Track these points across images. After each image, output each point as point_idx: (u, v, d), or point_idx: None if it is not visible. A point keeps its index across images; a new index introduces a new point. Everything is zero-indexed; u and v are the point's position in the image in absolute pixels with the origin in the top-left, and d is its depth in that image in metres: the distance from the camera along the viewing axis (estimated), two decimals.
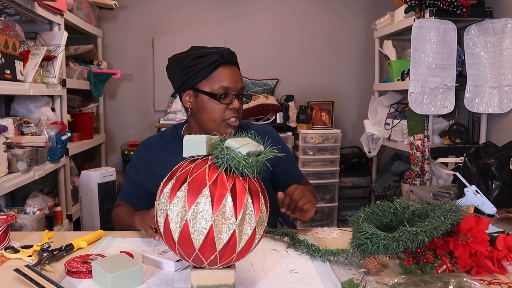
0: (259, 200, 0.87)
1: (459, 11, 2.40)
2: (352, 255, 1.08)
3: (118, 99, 3.60)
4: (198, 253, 0.85)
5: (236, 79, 1.37)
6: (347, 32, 3.64)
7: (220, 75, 1.34)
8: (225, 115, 1.36)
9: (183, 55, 1.38)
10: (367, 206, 1.16)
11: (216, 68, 1.34)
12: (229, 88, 1.35)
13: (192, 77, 1.35)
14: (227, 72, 1.35)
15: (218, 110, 1.35)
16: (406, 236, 0.98)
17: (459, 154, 2.43)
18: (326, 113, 3.46)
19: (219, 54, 1.34)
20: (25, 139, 2.07)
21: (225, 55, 1.34)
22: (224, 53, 1.34)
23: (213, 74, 1.34)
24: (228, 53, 1.36)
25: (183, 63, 1.35)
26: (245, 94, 1.42)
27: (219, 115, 1.36)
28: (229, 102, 1.35)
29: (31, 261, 1.11)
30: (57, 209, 2.46)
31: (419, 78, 2.50)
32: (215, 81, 1.34)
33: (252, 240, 0.87)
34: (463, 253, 1.02)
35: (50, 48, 2.33)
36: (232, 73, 1.36)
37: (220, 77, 1.34)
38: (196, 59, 1.34)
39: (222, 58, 1.34)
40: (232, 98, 1.36)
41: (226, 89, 1.34)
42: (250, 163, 0.85)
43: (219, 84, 1.34)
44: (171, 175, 0.90)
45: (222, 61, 1.34)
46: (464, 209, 1.13)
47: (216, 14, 3.56)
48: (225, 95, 1.35)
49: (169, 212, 0.84)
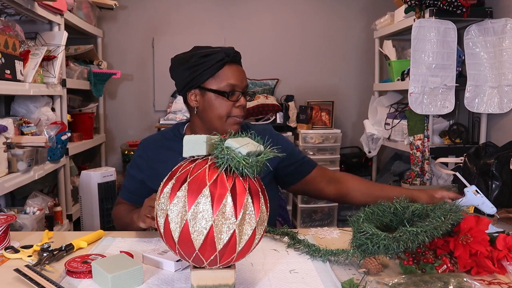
0: (259, 200, 0.87)
1: (459, 11, 2.40)
2: (353, 255, 1.08)
3: (118, 99, 3.60)
4: (198, 253, 0.85)
5: (241, 77, 1.40)
6: (347, 32, 3.64)
7: (227, 73, 1.37)
8: (232, 112, 1.38)
9: (187, 54, 1.39)
10: (367, 206, 1.16)
11: (222, 66, 1.36)
12: (235, 85, 1.37)
13: (198, 75, 1.36)
14: (233, 70, 1.38)
15: (225, 107, 1.37)
16: (406, 236, 0.98)
17: (459, 154, 2.43)
18: (326, 113, 3.46)
19: (224, 53, 1.36)
20: (25, 139, 2.07)
21: (231, 54, 1.37)
22: (229, 52, 1.37)
23: (220, 72, 1.36)
24: (234, 52, 1.38)
25: (189, 62, 1.36)
26: (248, 92, 1.45)
27: (226, 112, 1.38)
28: (236, 99, 1.38)
29: (31, 261, 1.11)
30: (57, 209, 2.46)
31: (419, 78, 2.50)
32: (222, 79, 1.36)
33: (252, 240, 0.87)
34: (463, 253, 1.02)
35: (50, 48, 2.33)
36: (238, 71, 1.39)
37: (226, 74, 1.37)
38: (202, 58, 1.35)
39: (228, 57, 1.36)
40: (238, 95, 1.38)
41: (233, 86, 1.37)
42: (250, 163, 0.85)
43: (226, 82, 1.36)
44: (171, 175, 0.90)
45: (228, 60, 1.36)
46: (464, 209, 1.13)
47: (216, 14, 3.56)
48: (232, 92, 1.37)
49: (169, 212, 0.84)
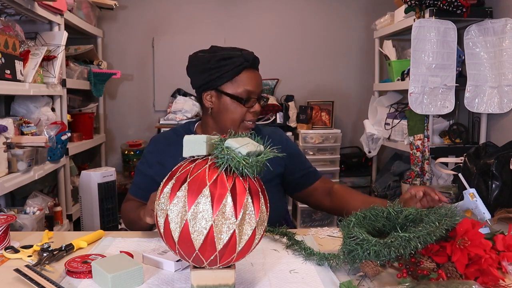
0: (259, 200, 0.87)
1: (459, 11, 2.40)
2: (343, 261, 1.04)
3: (118, 99, 3.60)
4: (198, 253, 0.85)
5: (258, 83, 1.41)
6: (347, 32, 3.64)
7: (245, 79, 1.37)
8: (246, 117, 1.40)
9: (206, 56, 1.39)
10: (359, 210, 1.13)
11: (240, 71, 1.37)
12: (252, 92, 1.38)
13: (216, 78, 1.37)
14: (251, 76, 1.39)
15: (240, 112, 1.39)
16: (398, 242, 0.94)
17: (459, 154, 2.43)
18: (326, 113, 3.46)
19: (244, 58, 1.36)
20: (25, 139, 2.07)
21: (250, 59, 1.37)
22: (249, 57, 1.37)
23: (238, 77, 1.37)
24: (253, 58, 1.39)
25: (208, 63, 1.37)
26: (263, 97, 1.46)
27: (241, 117, 1.39)
28: (251, 105, 1.40)
29: (31, 261, 1.11)
30: (57, 209, 2.46)
31: (419, 78, 2.50)
32: (240, 84, 1.37)
33: (252, 240, 0.87)
34: (461, 257, 0.97)
35: (50, 48, 2.33)
36: (256, 77, 1.40)
37: (244, 80, 1.37)
38: (222, 61, 1.35)
39: (247, 62, 1.36)
40: (254, 102, 1.40)
41: (250, 92, 1.38)
42: (250, 163, 0.85)
43: (243, 88, 1.37)
44: (171, 175, 0.90)
45: (247, 65, 1.37)
46: (461, 213, 1.12)
47: (216, 14, 3.56)
48: (248, 98, 1.38)
49: (169, 212, 0.84)
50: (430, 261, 1.00)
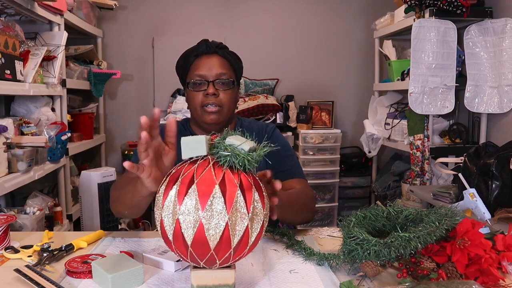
0: (263, 194, 0.88)
1: (459, 11, 2.40)
2: (343, 261, 1.05)
3: (118, 99, 3.60)
4: (213, 253, 0.84)
5: (210, 65, 1.39)
6: (347, 32, 3.64)
7: (196, 65, 1.41)
8: (203, 101, 1.39)
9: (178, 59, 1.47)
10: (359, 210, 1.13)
11: (193, 61, 1.41)
12: (203, 75, 1.39)
13: (182, 76, 1.45)
14: (202, 61, 1.40)
15: (195, 98, 1.39)
16: (398, 242, 0.94)
17: (459, 154, 2.43)
18: (326, 113, 3.47)
19: (196, 47, 1.41)
20: (25, 139, 2.07)
21: (199, 49, 1.41)
22: (199, 48, 1.41)
23: (191, 66, 1.42)
24: (206, 44, 1.41)
25: (177, 65, 1.46)
26: (223, 80, 1.39)
27: (197, 102, 1.39)
28: (204, 88, 1.39)
29: (31, 261, 1.11)
30: (57, 209, 2.46)
31: (419, 78, 2.50)
32: (192, 72, 1.41)
33: (260, 234, 0.88)
34: (461, 258, 0.97)
35: (50, 48, 2.33)
36: (208, 61, 1.40)
37: (195, 67, 1.41)
38: (182, 59, 1.43)
39: (198, 49, 1.41)
40: (206, 85, 1.38)
41: (201, 76, 1.39)
42: (254, 158, 0.86)
43: (194, 73, 1.40)
44: (171, 178, 0.88)
45: (197, 52, 1.41)
46: (461, 213, 1.12)
47: (216, 14, 3.56)
48: (199, 82, 1.39)
49: (180, 216, 0.83)
50: (430, 261, 0.99)
